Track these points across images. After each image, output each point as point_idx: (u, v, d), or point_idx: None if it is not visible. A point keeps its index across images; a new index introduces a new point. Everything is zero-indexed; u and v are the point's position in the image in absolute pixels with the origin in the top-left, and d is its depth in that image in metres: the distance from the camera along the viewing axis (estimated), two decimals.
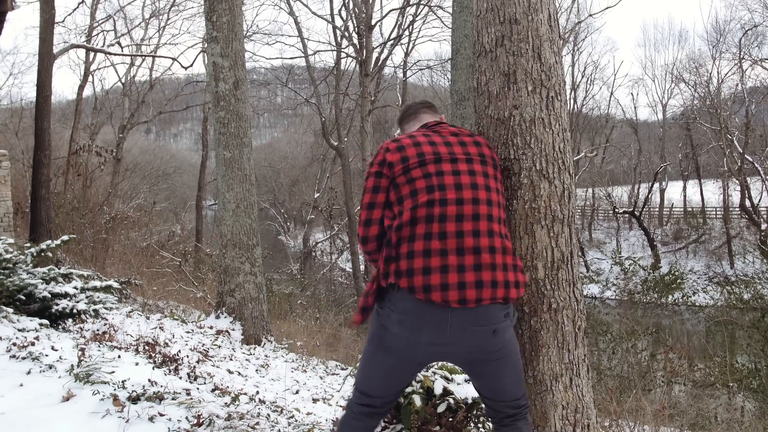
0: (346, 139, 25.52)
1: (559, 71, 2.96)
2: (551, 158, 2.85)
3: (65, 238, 6.81)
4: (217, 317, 9.04)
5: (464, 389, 4.30)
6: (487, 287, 2.39)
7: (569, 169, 2.92)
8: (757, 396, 10.11)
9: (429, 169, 2.52)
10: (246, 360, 7.41)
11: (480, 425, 4.38)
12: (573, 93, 41.76)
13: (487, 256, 2.42)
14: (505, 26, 2.89)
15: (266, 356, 7.99)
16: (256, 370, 6.97)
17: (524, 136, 2.85)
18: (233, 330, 8.75)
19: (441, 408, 4.21)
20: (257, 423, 3.75)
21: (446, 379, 4.37)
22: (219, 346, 7.68)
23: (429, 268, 2.39)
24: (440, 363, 4.57)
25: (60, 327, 6.01)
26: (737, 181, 31.90)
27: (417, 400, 4.01)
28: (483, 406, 4.23)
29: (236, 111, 9.17)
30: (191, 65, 46.75)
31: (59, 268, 6.67)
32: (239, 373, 6.45)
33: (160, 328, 7.81)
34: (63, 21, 23.43)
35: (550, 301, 2.84)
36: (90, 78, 26.64)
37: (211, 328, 8.73)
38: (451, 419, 4.28)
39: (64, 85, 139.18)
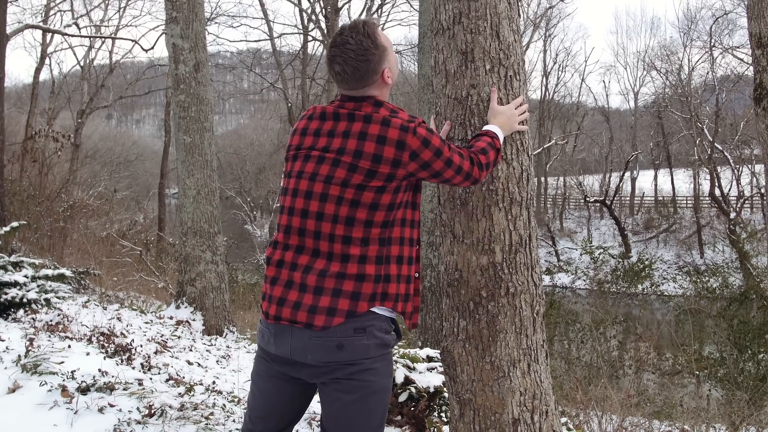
0: None
1: (518, 50, 2.88)
2: (509, 139, 2.78)
3: (15, 224, 6.61)
4: (177, 307, 8.87)
5: (426, 378, 4.25)
6: (287, 306, 2.18)
7: (528, 150, 2.86)
8: (723, 384, 10.26)
9: (289, 167, 2.37)
10: (206, 351, 7.28)
11: (443, 414, 4.34)
12: (545, 80, 42.02)
13: (299, 275, 2.20)
14: (463, 3, 2.81)
15: (228, 347, 7.86)
16: (217, 361, 6.85)
17: (482, 117, 2.77)
18: (194, 320, 8.60)
19: (402, 397, 4.16)
20: (212, 413, 3.65)
21: (408, 367, 4.32)
22: (178, 337, 7.54)
23: (265, 277, 2.33)
24: (402, 351, 4.52)
25: (9, 318, 5.82)
26: (707, 170, 32.33)
27: None
28: (446, 395, 4.19)
29: (197, 94, 8.98)
30: (152, 48, 45.81)
31: (11, 257, 6.46)
32: (199, 364, 6.33)
33: (117, 318, 7.63)
34: (17, 0, 22.80)
35: (507, 285, 2.78)
36: (47, 60, 26.11)
37: (170, 318, 8.57)
38: (413, 408, 4.23)
39: (20, 67, 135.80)
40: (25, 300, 5.69)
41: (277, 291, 2.22)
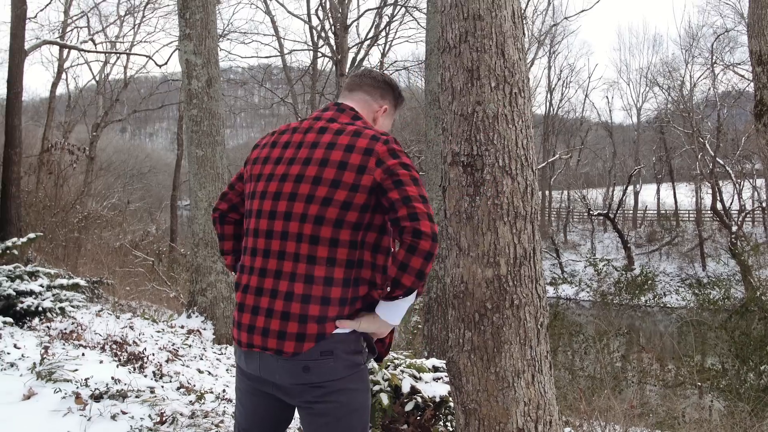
0: None
1: (523, 68, 2.96)
2: (514, 155, 2.85)
3: (32, 235, 6.72)
4: (189, 317, 8.96)
5: (432, 388, 4.30)
6: (256, 333, 2.13)
7: (532, 165, 2.93)
8: (725, 395, 10.24)
9: (251, 187, 2.32)
10: (217, 359, 7.35)
11: (448, 423, 4.38)
12: (549, 95, 42.27)
13: (266, 300, 2.13)
14: (469, 22, 2.89)
15: None
16: (227, 370, 6.91)
17: (487, 133, 2.85)
18: (205, 329, 8.68)
19: (409, 406, 4.21)
20: (222, 421, 3.72)
21: (414, 377, 4.37)
22: (189, 346, 7.61)
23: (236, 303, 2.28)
24: (408, 361, 4.57)
25: (25, 326, 5.92)
26: (709, 184, 32.46)
27: (384, 399, 4.00)
28: (451, 404, 4.24)
29: (209, 109, 9.11)
30: (166, 63, 46.29)
31: (27, 267, 6.57)
32: (209, 373, 6.39)
33: (129, 327, 7.72)
34: (35, 17, 23.23)
35: (512, 297, 2.84)
36: (63, 75, 26.40)
37: (182, 327, 8.65)
38: (419, 417, 4.28)
39: (37, 82, 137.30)
40: (40, 309, 5.79)
41: (245, 318, 2.16)
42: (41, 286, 6.00)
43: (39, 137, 24.42)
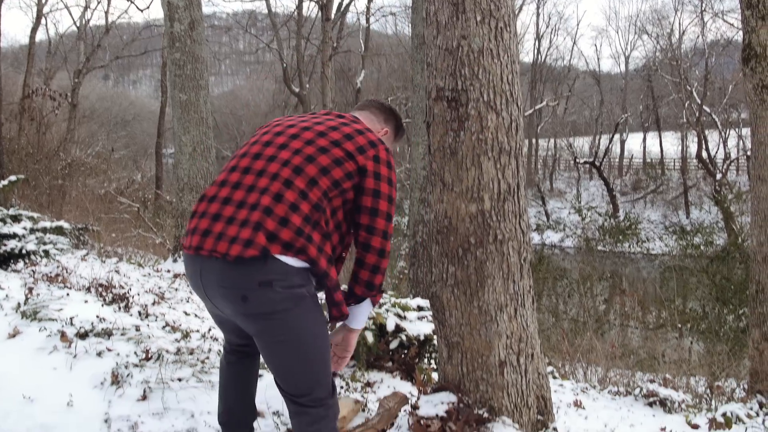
0: (308, 86, 25.22)
1: (509, 2, 2.91)
2: (499, 90, 2.83)
3: (13, 178, 6.65)
4: (175, 261, 8.97)
5: (417, 326, 4.35)
6: (210, 237, 2.11)
7: (517, 101, 2.91)
8: (705, 337, 10.48)
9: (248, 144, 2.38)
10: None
11: (432, 361, 4.45)
12: (537, 43, 42.10)
13: (230, 209, 2.14)
14: None
15: None
16: None
17: (472, 67, 2.82)
18: None
19: (393, 344, 4.25)
20: (207, 357, 3.75)
21: (399, 316, 4.41)
22: (176, 289, 7.62)
23: (192, 212, 2.28)
24: (393, 300, 4.61)
25: (9, 269, 5.90)
26: (695, 133, 32.62)
27: (369, 337, 4.04)
28: (435, 342, 4.30)
29: (192, 52, 8.95)
30: (148, 7, 45.13)
31: (9, 210, 6.52)
32: (196, 315, 6.42)
33: (115, 271, 7.71)
34: None
35: (496, 232, 2.85)
36: (43, 21, 25.80)
37: (168, 271, 8.65)
38: (403, 355, 4.34)
39: (16, 28, 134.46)
40: (24, 251, 5.76)
41: (204, 223, 2.15)
42: (24, 228, 5.97)
43: (19, 84, 23.98)
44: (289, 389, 2.25)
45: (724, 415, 5.24)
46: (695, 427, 5.14)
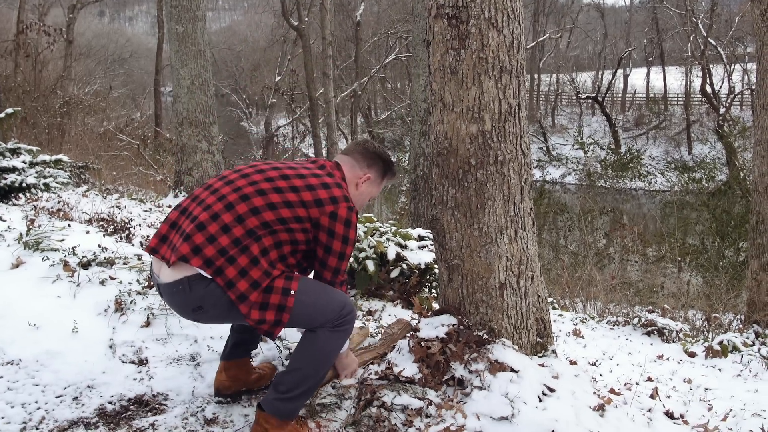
0: (306, 19, 24.69)
1: None
2: (500, 6, 2.75)
3: (9, 110, 6.58)
4: (176, 196, 8.98)
5: (417, 255, 4.36)
6: (168, 246, 2.35)
7: (519, 18, 2.83)
8: (704, 271, 10.54)
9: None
10: None
11: (433, 290, 4.48)
12: None
13: (191, 227, 2.31)
14: None
15: None
16: None
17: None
18: None
19: (394, 273, 4.27)
20: None
21: (400, 245, 4.41)
22: None
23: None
24: (393, 229, 4.62)
25: (10, 203, 5.90)
26: (700, 67, 32.10)
27: (370, 265, 4.05)
28: (436, 271, 4.32)
29: None
30: None
31: (8, 144, 6.48)
32: None
33: (117, 206, 7.71)
34: None
35: (496, 153, 2.82)
36: None
37: (169, 207, 8.66)
38: (404, 284, 4.37)
39: None
40: (24, 185, 5.75)
41: (163, 229, 2.41)
42: (24, 162, 5.94)
43: (13, 21, 23.53)
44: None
45: (720, 343, 5.31)
46: (692, 355, 5.22)
